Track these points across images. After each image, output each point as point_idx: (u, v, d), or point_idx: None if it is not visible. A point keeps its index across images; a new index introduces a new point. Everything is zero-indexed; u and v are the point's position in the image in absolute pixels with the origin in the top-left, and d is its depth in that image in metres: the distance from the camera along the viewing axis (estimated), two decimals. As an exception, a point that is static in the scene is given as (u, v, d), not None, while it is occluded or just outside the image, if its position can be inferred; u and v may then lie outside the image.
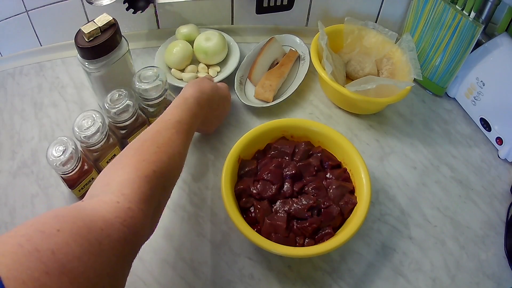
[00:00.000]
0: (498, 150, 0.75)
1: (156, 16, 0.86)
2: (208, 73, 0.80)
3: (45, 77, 0.83)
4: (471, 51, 0.73)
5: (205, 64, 0.82)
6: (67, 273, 0.31)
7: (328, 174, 0.63)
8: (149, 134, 0.52)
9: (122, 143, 0.67)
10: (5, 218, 0.64)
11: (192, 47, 0.81)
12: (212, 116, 0.68)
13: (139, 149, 0.49)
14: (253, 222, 0.59)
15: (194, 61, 0.82)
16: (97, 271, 0.33)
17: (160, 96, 0.66)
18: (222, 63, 0.83)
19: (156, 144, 0.50)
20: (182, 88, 0.78)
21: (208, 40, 0.80)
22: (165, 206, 0.50)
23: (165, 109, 0.65)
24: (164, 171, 0.47)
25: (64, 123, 0.76)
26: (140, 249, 0.44)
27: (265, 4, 0.80)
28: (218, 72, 0.81)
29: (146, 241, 0.44)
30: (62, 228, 0.33)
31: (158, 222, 0.49)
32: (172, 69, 0.80)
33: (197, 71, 0.81)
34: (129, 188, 0.42)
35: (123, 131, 0.66)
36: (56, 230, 0.32)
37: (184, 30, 0.83)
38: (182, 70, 0.81)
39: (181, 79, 0.79)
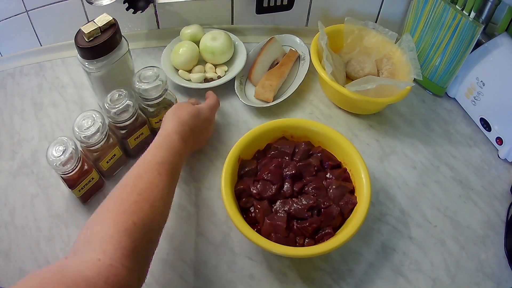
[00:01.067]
0: (498, 150, 0.75)
1: (156, 16, 0.86)
2: (216, 72, 0.80)
3: (45, 77, 0.83)
4: (471, 51, 0.73)
5: (212, 64, 0.82)
6: None
7: (328, 174, 0.63)
8: (130, 179, 0.50)
9: (122, 143, 0.67)
10: (5, 218, 0.64)
11: (198, 47, 0.81)
12: (197, 140, 0.65)
13: (118, 198, 0.47)
14: (253, 222, 0.59)
15: (201, 61, 0.82)
16: None
17: (160, 96, 0.66)
18: (228, 62, 0.83)
19: (137, 191, 0.48)
20: (190, 88, 0.78)
21: (215, 40, 0.80)
22: (152, 255, 0.48)
23: (165, 110, 0.65)
24: (146, 221, 0.46)
25: (64, 123, 0.76)
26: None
27: (265, 4, 0.80)
28: (225, 72, 0.81)
29: None
30: None
31: (147, 274, 0.47)
32: (180, 70, 0.80)
33: (204, 71, 0.81)
34: (109, 244, 0.41)
35: (123, 131, 0.66)
36: None
37: (188, 30, 0.82)
38: (189, 71, 0.81)
39: (189, 80, 0.79)
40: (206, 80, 0.79)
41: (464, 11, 0.70)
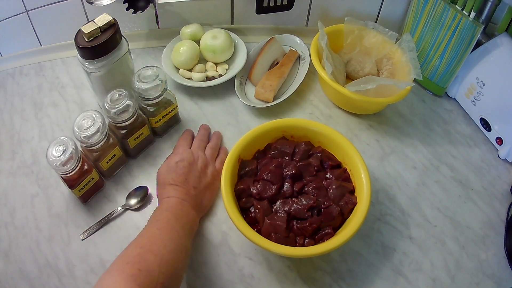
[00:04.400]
0: (498, 150, 0.75)
1: (156, 16, 0.86)
2: (217, 71, 0.80)
3: (45, 77, 0.83)
4: (471, 51, 0.73)
5: (213, 63, 0.82)
6: None
7: (328, 174, 0.63)
8: (134, 239, 0.52)
9: (122, 143, 0.67)
10: (5, 218, 0.64)
11: (198, 46, 0.81)
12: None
13: (122, 254, 0.49)
14: (253, 222, 0.59)
15: (202, 60, 0.82)
16: None
17: (159, 95, 0.66)
18: (229, 61, 0.83)
19: (139, 245, 0.50)
20: (191, 87, 0.78)
21: (215, 38, 0.80)
22: None
23: (164, 109, 0.65)
24: (151, 268, 0.47)
25: (64, 123, 0.76)
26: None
27: (265, 4, 0.80)
28: (226, 70, 0.81)
29: None
30: None
31: None
32: (180, 70, 0.80)
33: (206, 70, 0.81)
34: None
35: (123, 131, 0.66)
36: None
37: (188, 29, 0.82)
38: (190, 70, 0.81)
39: (190, 79, 0.79)
40: (208, 78, 0.80)
41: (464, 11, 0.70)
